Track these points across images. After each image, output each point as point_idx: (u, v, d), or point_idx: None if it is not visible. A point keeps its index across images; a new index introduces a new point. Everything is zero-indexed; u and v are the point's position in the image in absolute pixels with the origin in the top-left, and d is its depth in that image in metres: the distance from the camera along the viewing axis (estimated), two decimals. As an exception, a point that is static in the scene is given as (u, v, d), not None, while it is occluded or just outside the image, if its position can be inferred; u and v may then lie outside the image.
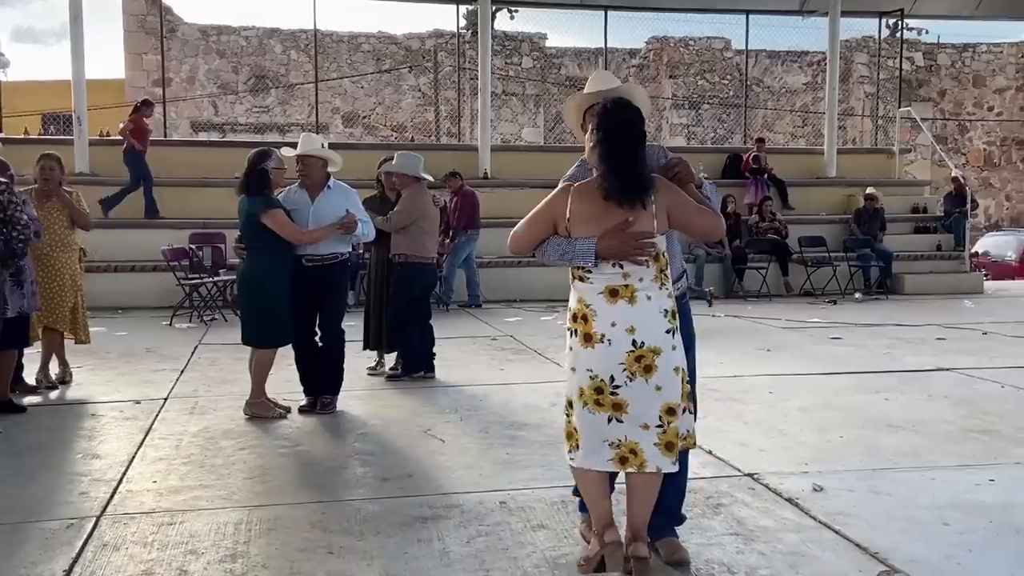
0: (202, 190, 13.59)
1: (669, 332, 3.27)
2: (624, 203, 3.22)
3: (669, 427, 3.27)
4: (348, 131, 24.17)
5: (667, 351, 3.26)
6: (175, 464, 4.92)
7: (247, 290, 6.07)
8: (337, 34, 24.45)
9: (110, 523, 3.99)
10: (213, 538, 3.80)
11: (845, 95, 24.19)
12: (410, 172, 7.21)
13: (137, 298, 12.14)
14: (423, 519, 4.02)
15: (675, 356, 3.29)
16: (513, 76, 24.35)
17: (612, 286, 3.27)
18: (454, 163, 14.02)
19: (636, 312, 3.25)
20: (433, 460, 5.01)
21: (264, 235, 5.89)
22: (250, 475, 4.75)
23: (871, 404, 6.39)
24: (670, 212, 3.31)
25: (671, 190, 3.34)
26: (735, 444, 5.28)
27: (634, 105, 3.34)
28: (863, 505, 4.23)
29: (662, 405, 3.26)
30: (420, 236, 7.17)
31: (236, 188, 6.08)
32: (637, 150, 3.27)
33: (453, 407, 6.31)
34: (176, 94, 23.03)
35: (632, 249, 3.23)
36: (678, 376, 3.29)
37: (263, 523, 3.98)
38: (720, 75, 25.55)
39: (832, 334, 9.99)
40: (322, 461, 5.13)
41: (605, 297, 3.27)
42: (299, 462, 5.08)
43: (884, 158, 18.60)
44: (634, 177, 3.23)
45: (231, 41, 24.08)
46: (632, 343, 3.24)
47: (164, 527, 3.94)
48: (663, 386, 3.26)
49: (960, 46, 26.99)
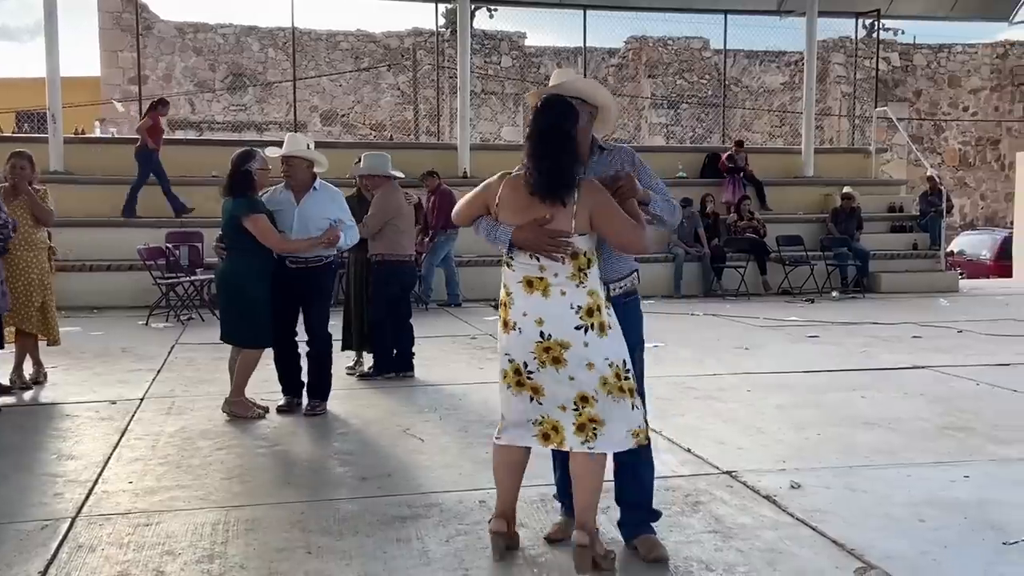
0: (179, 189, 13.49)
1: (580, 328, 3.34)
2: (545, 199, 3.34)
3: (583, 411, 3.38)
4: (327, 130, 24.08)
5: (577, 346, 3.35)
6: (151, 464, 4.89)
7: (227, 291, 6.02)
8: (315, 32, 24.36)
9: (85, 524, 3.96)
10: (190, 539, 3.78)
11: (822, 95, 24.35)
12: (379, 172, 7.18)
13: (113, 298, 12.04)
14: (402, 519, 4.02)
15: (589, 352, 3.35)
16: (492, 75, 24.36)
17: (529, 276, 3.41)
18: (433, 162, 14.01)
19: (547, 305, 3.37)
20: (412, 459, 5.01)
21: (245, 237, 5.83)
22: (228, 475, 4.72)
23: (848, 402, 6.43)
24: (592, 216, 3.36)
25: (598, 195, 3.37)
26: (713, 442, 5.31)
27: (568, 104, 3.40)
28: (840, 502, 4.27)
29: (576, 393, 3.38)
30: (396, 235, 7.15)
31: (220, 189, 6.02)
32: (561, 149, 3.33)
33: (432, 406, 6.30)
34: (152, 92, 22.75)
35: (545, 245, 3.35)
36: (593, 372, 3.35)
37: (241, 523, 3.96)
38: (699, 75, 25.67)
39: (809, 333, 10.05)
40: (300, 461, 5.11)
41: (523, 286, 3.42)
42: (277, 462, 5.06)
43: (861, 158, 18.74)
44: (554, 175, 3.32)
45: (208, 39, 23.94)
46: (540, 334, 3.38)
47: (140, 528, 3.91)
48: (576, 377, 3.37)
49: (936, 47, 27.25)
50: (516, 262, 3.45)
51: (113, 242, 12.52)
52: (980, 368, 7.66)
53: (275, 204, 6.04)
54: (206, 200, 13.18)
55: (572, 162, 3.36)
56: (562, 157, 3.33)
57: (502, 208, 3.46)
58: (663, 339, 9.20)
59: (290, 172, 6.10)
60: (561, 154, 3.33)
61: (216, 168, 13.65)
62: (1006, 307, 12.86)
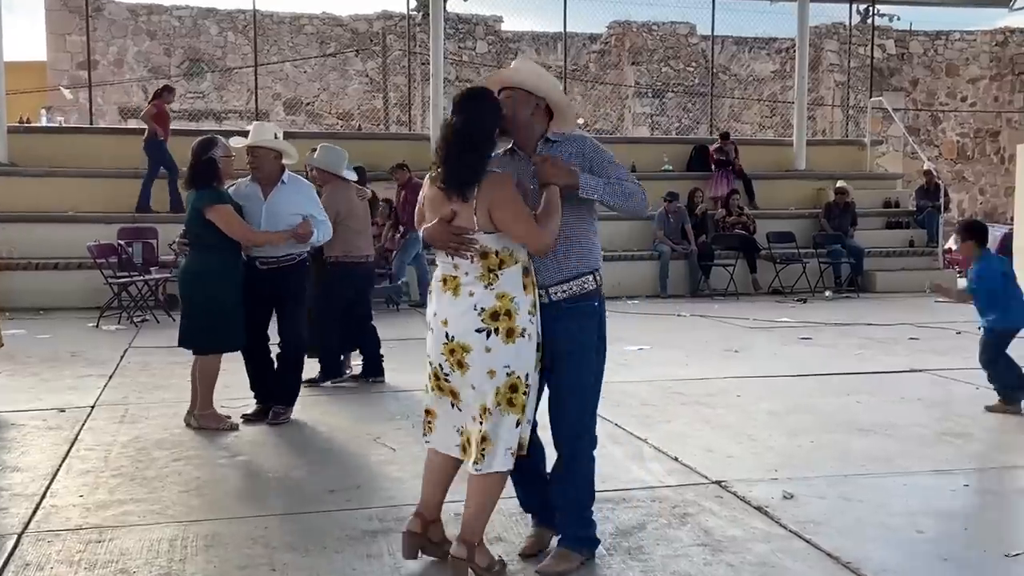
0: (132, 182, 13.39)
1: (482, 332, 3.37)
2: (449, 195, 3.41)
3: (483, 426, 3.42)
4: (290, 118, 23.95)
5: (478, 350, 3.38)
6: (103, 477, 4.85)
7: (189, 291, 5.89)
8: (278, 15, 24.22)
9: (33, 541, 3.93)
10: (145, 556, 3.76)
11: (815, 84, 24.51)
12: (330, 169, 7.07)
13: (61, 298, 11.93)
14: (372, 533, 4.01)
15: (491, 358, 3.38)
16: (467, 61, 24.33)
17: (445, 275, 3.50)
18: (404, 154, 13.98)
19: (453, 305, 3.44)
20: (383, 470, 5.00)
21: (210, 231, 5.71)
22: (185, 488, 4.69)
23: (842, 407, 6.49)
24: (490, 211, 3.38)
25: (498, 189, 3.40)
26: (702, 450, 5.34)
27: (485, 96, 3.49)
28: (834, 513, 4.30)
29: (479, 405, 3.43)
30: (349, 235, 6.96)
31: (183, 181, 5.95)
32: (465, 144, 3.38)
33: (404, 413, 6.29)
34: (103, 78, 22.64)
35: (448, 242, 3.42)
36: (493, 380, 3.39)
37: (200, 539, 3.94)
38: (685, 62, 25.75)
39: (802, 334, 10.13)
40: (263, 472, 5.09)
41: (440, 285, 3.51)
42: (239, 473, 5.04)
43: (855, 150, 18.90)
44: (455, 169, 3.39)
45: (162, 21, 23.74)
46: (445, 335, 3.45)
47: (92, 545, 3.88)
48: (476, 386, 3.42)
49: (933, 34, 27.49)
50: (438, 260, 3.54)
51: (61, 238, 12.41)
52: (978, 372, 7.69)
53: (241, 198, 5.93)
54: (161, 192, 13.12)
55: (476, 157, 3.39)
56: (464, 152, 3.38)
57: (427, 207, 3.56)
58: (649, 341, 9.24)
59: (256, 164, 5.96)
60: (464, 149, 3.38)
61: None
62: (1006, 307, 13.00)
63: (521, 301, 3.42)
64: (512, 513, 4.21)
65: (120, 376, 7.58)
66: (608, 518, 4.19)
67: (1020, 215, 19.00)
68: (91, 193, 13.31)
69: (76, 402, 6.56)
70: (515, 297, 3.41)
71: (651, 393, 6.91)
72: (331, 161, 7.09)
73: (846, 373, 7.80)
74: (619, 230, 14.98)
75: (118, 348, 8.93)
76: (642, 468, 5.00)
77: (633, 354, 8.59)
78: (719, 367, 8.06)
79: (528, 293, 3.45)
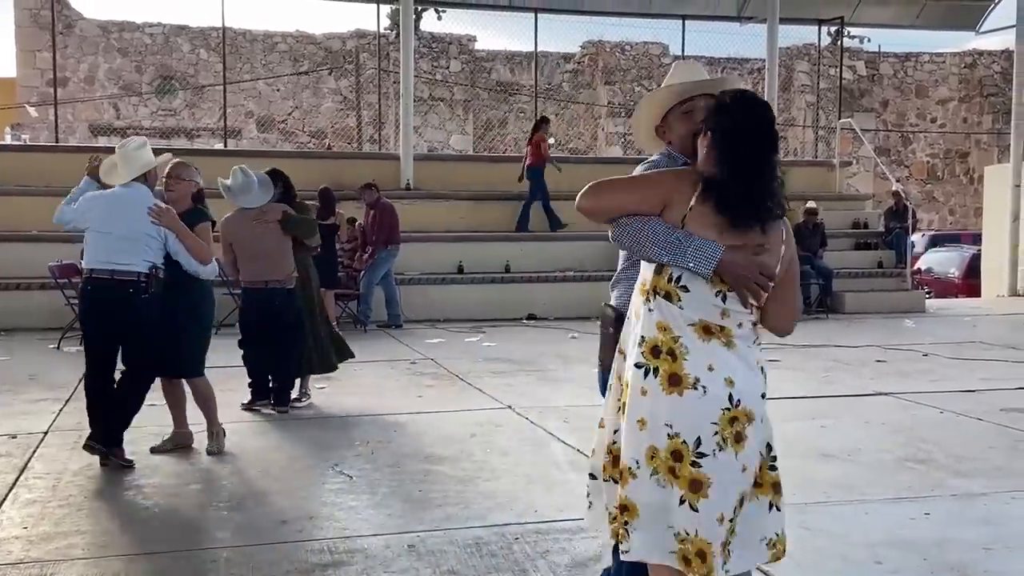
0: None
1: (764, 397, 2.70)
2: (752, 226, 2.61)
3: (735, 519, 2.64)
4: (262, 136, 23.86)
5: (759, 421, 2.65)
6: (50, 507, 4.72)
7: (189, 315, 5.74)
8: (251, 33, 24.16)
9: (-30, 577, 3.80)
10: (86, 592, 3.64)
11: (786, 104, 24.69)
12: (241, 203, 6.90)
13: (23, 318, 11.74)
14: (323, 566, 3.91)
15: (765, 430, 2.70)
16: (441, 80, 24.32)
17: (707, 321, 2.62)
18: (375, 173, 13.91)
19: (737, 360, 2.63)
20: (338, 499, 4.89)
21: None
22: (134, 519, 4.58)
23: (807, 431, 6.44)
24: (788, 267, 2.71)
25: (792, 239, 2.74)
26: (663, 477, 5.26)
27: (764, 100, 2.74)
28: (795, 544, 4.19)
29: (741, 491, 2.65)
30: (244, 262, 6.90)
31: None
32: (771, 160, 2.66)
33: (364, 439, 6.19)
34: (74, 95, 22.49)
35: (753, 281, 2.61)
36: (760, 459, 2.70)
37: (147, 574, 3.83)
38: (657, 81, 25.78)
39: (770, 356, 10.07)
40: (215, 502, 4.96)
41: (696, 331, 2.62)
42: (190, 503, 4.92)
43: (825, 171, 18.97)
44: (767, 195, 2.61)
45: (134, 38, 23.62)
46: (729, 399, 2.59)
47: (31, 581, 3.76)
48: (748, 467, 2.64)
49: (903, 55, 27.80)
50: (692, 296, 2.62)
51: (22, 258, 12.21)
52: (944, 395, 7.73)
53: None
54: (127, 213, 12.95)
55: (778, 181, 2.67)
56: (772, 164, 2.64)
57: (695, 218, 2.61)
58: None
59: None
60: (771, 160, 2.65)
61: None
62: (973, 328, 13.06)
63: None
64: (467, 544, 4.13)
65: (77, 400, 7.39)
66: (565, 549, 4.11)
67: (988, 236, 19.19)
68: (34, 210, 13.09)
69: (29, 428, 6.43)
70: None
71: (616, 417, 6.83)
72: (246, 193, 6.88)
73: (812, 396, 7.77)
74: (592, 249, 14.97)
75: (77, 371, 8.67)
76: (602, 496, 4.92)
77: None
78: (686, 390, 7.99)
79: None
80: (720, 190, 2.58)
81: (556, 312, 13.58)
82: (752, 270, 2.59)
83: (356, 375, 8.71)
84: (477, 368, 9.04)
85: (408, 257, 13.07)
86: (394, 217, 12.55)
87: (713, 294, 2.61)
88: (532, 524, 4.43)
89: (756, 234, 2.60)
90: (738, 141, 2.59)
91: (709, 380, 2.58)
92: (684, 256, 2.56)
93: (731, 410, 2.58)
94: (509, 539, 4.23)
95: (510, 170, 15.76)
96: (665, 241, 2.59)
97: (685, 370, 2.59)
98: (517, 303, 13.57)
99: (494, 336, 11.53)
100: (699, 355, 2.59)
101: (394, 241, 12.49)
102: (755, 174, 2.59)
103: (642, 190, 2.71)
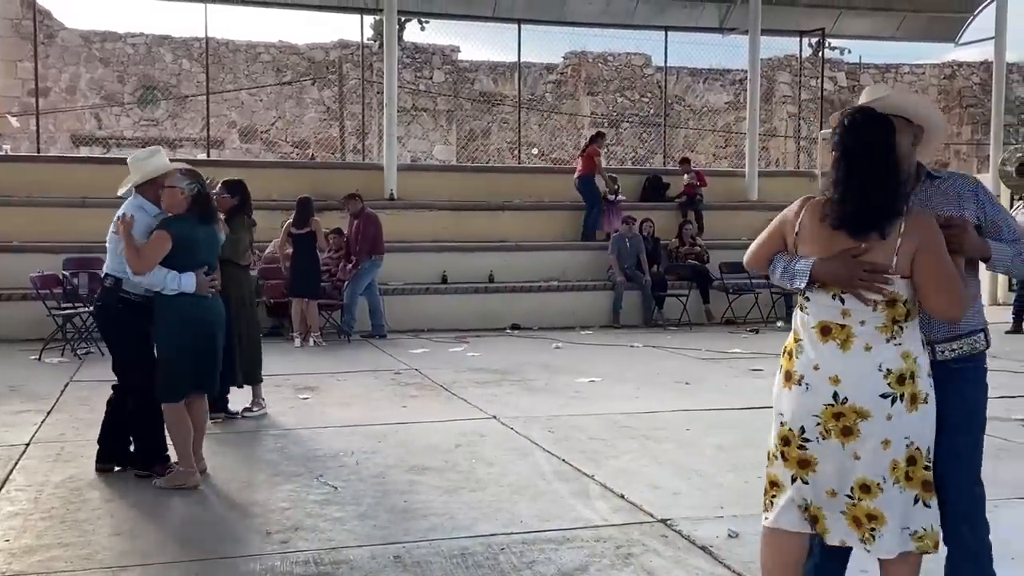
0: (80, 211, 13.14)
1: (888, 397, 2.87)
2: (857, 233, 2.90)
3: (860, 503, 2.94)
4: (245, 147, 23.78)
5: (878, 419, 2.87)
6: (32, 519, 4.68)
7: (224, 329, 5.64)
8: (234, 43, 24.08)
9: (-50, 591, 3.77)
10: (68, 606, 3.61)
11: (768, 115, 24.81)
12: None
13: (3, 329, 11.62)
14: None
15: (891, 428, 2.88)
16: (424, 90, 24.31)
17: (826, 322, 2.95)
18: (358, 183, 13.90)
19: (846, 360, 2.91)
20: (323, 510, 4.87)
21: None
22: (117, 531, 4.54)
23: (791, 441, 6.45)
24: (917, 256, 2.88)
25: (931, 232, 2.89)
26: (649, 487, 5.27)
27: (881, 117, 2.97)
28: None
29: (857, 478, 2.93)
30: None
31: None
32: (877, 170, 2.89)
33: (349, 449, 6.16)
34: (55, 105, 22.36)
35: (857, 278, 2.88)
36: (887, 452, 2.90)
37: (128, 586, 3.80)
38: (640, 92, 25.94)
39: (753, 365, 10.12)
40: (198, 514, 4.93)
41: (816, 333, 2.96)
42: (173, 515, 4.89)
43: (807, 181, 19.04)
44: (867, 202, 2.89)
45: (116, 48, 23.50)
46: (833, 396, 2.91)
47: (13, 594, 3.73)
48: (863, 456, 2.91)
49: (883, 67, 27.97)
50: (813, 303, 2.99)
51: (4, 269, 12.12)
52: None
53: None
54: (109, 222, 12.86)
55: (895, 185, 2.91)
56: (878, 178, 2.89)
57: (803, 239, 3.02)
58: (600, 373, 9.18)
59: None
60: (877, 175, 2.89)
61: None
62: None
63: (923, 362, 2.95)
64: (453, 555, 4.14)
65: (59, 412, 7.37)
66: (551, 559, 4.11)
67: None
68: (38, 223, 13.04)
69: (10, 440, 6.35)
70: (918, 357, 2.93)
71: (600, 427, 6.84)
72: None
73: (795, 405, 7.78)
74: (575, 259, 15.01)
75: (59, 382, 8.69)
76: (587, 506, 4.92)
77: (584, 386, 8.53)
78: (669, 400, 8.01)
79: (925, 351, 2.99)
80: (828, 203, 2.97)
81: (540, 322, 13.58)
82: (850, 270, 2.89)
83: (340, 385, 8.70)
84: (461, 378, 9.02)
85: (392, 267, 13.04)
86: (378, 227, 12.53)
87: (830, 297, 2.95)
88: (518, 534, 4.43)
89: (856, 241, 2.90)
90: (839, 160, 2.97)
91: (813, 378, 2.94)
92: (790, 278, 3.02)
93: (835, 406, 2.91)
94: (495, 549, 4.22)
95: (493, 180, 15.75)
96: (781, 268, 3.07)
97: (795, 368, 3.00)
98: (501, 313, 13.57)
99: (478, 346, 11.53)
100: (809, 356, 2.97)
101: (378, 251, 12.47)
102: (856, 190, 2.90)
103: (767, 235, 3.18)
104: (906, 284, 2.90)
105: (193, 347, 5.31)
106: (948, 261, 2.90)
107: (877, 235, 2.89)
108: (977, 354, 3.10)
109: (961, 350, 3.07)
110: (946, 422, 2.99)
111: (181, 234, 5.27)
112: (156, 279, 5.23)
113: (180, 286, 5.25)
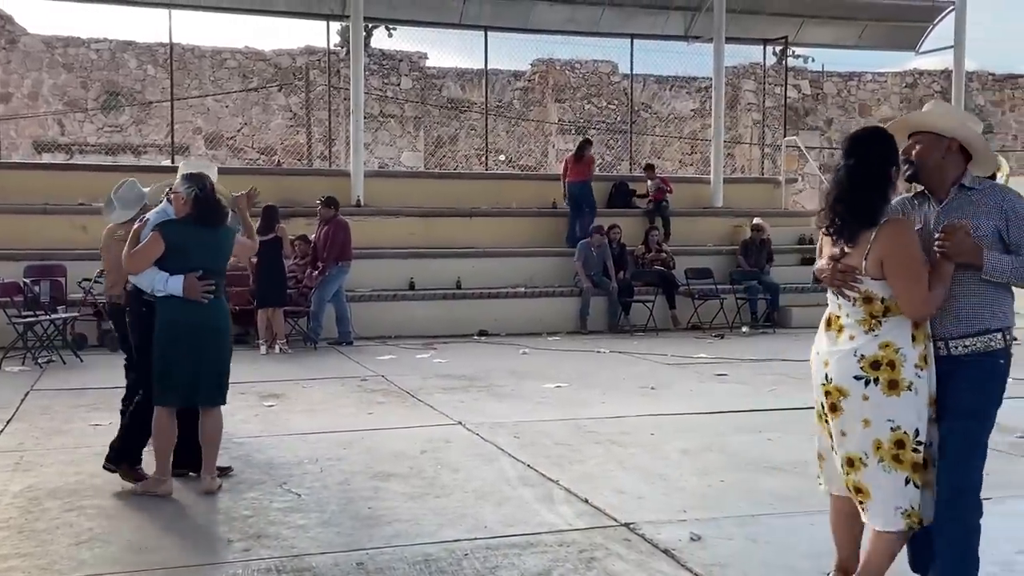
0: (41, 218, 13.00)
1: (860, 380, 3.32)
2: (837, 238, 3.42)
3: (848, 476, 3.43)
4: (211, 153, 23.56)
5: (854, 397, 3.34)
6: (-11, 530, 4.61)
7: (221, 338, 5.57)
8: (199, 49, 23.88)
9: (-96, 603, 3.70)
10: (25, 616, 3.56)
11: (733, 122, 24.99)
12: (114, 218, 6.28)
13: (-37, 338, 11.45)
14: (269, 586, 3.87)
15: (868, 408, 3.32)
16: (391, 97, 24.27)
17: (830, 314, 3.51)
18: (325, 189, 13.80)
19: (834, 346, 3.43)
20: (286, 518, 4.84)
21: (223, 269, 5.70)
22: (76, 540, 4.48)
23: (754, 444, 6.51)
24: (883, 259, 3.29)
25: (894, 241, 3.28)
26: (613, 491, 5.28)
27: (880, 136, 3.40)
28: (741, 554, 4.28)
29: (843, 453, 3.43)
30: None
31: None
32: (854, 185, 3.34)
33: (313, 457, 6.12)
34: (16, 111, 22.09)
35: (834, 278, 3.39)
36: (867, 431, 3.33)
37: (86, 596, 3.76)
38: (607, 99, 26.04)
39: (718, 370, 10.18)
40: (160, 521, 4.88)
41: (823, 323, 3.53)
42: (134, 524, 4.83)
43: (771, 188, 19.25)
44: (840, 212, 3.38)
45: (79, 54, 23.24)
46: (824, 376, 3.44)
47: (-32, 605, 3.67)
48: (847, 432, 3.39)
49: (846, 75, 28.26)
50: (828, 299, 3.54)
51: (-37, 276, 11.93)
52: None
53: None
54: (71, 230, 12.75)
55: (867, 200, 3.32)
56: (852, 193, 3.34)
57: (824, 243, 3.59)
58: (566, 379, 9.20)
59: None
60: (851, 190, 3.34)
61: (85, 194, 13.28)
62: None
63: (908, 353, 3.29)
64: (416, 561, 4.13)
65: (18, 421, 7.27)
66: (514, 564, 4.11)
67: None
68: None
69: (-32, 449, 6.26)
70: (901, 348, 3.29)
71: (566, 432, 6.85)
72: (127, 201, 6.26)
73: (760, 410, 7.84)
74: (543, 265, 15.03)
75: (19, 391, 8.57)
76: (552, 511, 4.93)
77: (551, 392, 8.54)
78: (635, 405, 8.04)
79: (918, 344, 3.30)
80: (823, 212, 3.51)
81: (507, 328, 13.57)
82: (827, 272, 3.41)
83: (305, 392, 8.65)
84: (428, 384, 9.00)
85: (359, 274, 12.99)
86: (347, 234, 12.48)
87: (831, 293, 3.47)
88: (482, 540, 4.42)
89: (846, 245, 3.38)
90: (834, 174, 3.49)
91: (815, 361, 3.51)
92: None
93: (825, 385, 3.43)
94: (459, 555, 4.21)
95: (461, 187, 15.70)
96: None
97: (814, 350, 3.55)
98: (468, 319, 13.55)
99: (445, 352, 11.50)
100: (816, 342, 3.55)
101: (345, 258, 12.41)
102: (835, 199, 3.39)
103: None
104: (881, 284, 3.29)
105: (175, 350, 5.28)
106: (912, 267, 3.25)
107: (851, 241, 3.35)
108: (991, 352, 3.32)
109: (974, 347, 3.32)
110: (953, 408, 3.31)
111: (172, 237, 5.31)
112: (145, 280, 5.34)
113: (166, 288, 5.27)
